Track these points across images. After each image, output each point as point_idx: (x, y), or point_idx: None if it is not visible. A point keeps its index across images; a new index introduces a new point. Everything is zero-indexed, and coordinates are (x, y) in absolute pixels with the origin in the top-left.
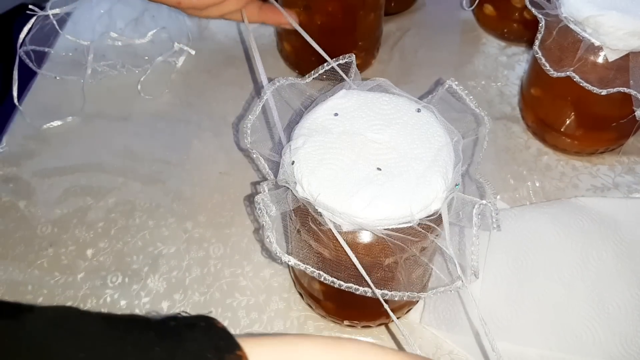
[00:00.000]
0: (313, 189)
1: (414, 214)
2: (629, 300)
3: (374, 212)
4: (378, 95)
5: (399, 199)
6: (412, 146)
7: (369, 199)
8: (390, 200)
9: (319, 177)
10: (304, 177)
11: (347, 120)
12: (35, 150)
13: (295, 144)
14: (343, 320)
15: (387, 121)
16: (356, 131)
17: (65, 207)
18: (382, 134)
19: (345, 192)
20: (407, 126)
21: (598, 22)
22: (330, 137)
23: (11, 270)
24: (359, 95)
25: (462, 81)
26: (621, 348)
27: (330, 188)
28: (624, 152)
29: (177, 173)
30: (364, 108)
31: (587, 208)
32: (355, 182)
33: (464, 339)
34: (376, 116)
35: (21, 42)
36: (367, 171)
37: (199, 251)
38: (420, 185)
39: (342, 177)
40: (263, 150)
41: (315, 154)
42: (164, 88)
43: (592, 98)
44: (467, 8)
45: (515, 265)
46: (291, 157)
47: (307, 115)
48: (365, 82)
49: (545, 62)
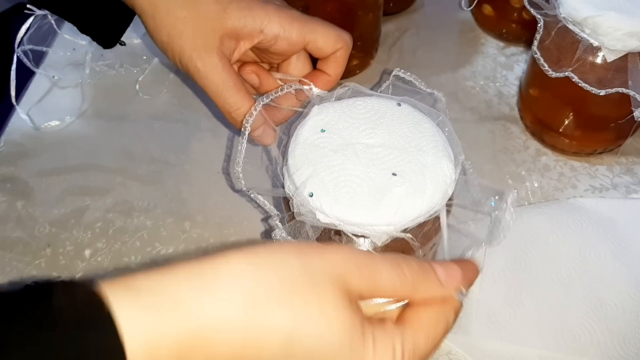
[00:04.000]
0: (337, 212)
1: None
2: (627, 301)
3: (405, 214)
4: (351, 102)
5: (422, 193)
6: (408, 140)
7: (396, 204)
8: (415, 197)
9: (339, 199)
10: (325, 204)
11: (336, 133)
12: (33, 150)
13: (301, 176)
14: None
15: (372, 123)
16: (351, 141)
17: (63, 207)
18: (375, 137)
19: (371, 204)
20: (393, 123)
21: (596, 22)
22: (332, 156)
23: (9, 270)
24: (333, 106)
25: (461, 81)
26: (619, 348)
27: (352, 206)
28: (622, 152)
29: (175, 173)
30: (345, 117)
31: (586, 208)
32: (376, 191)
33: (463, 339)
34: (360, 122)
35: (19, 42)
36: (382, 177)
37: (197, 251)
38: (434, 174)
39: (361, 191)
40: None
41: (328, 178)
42: (163, 88)
43: (590, 98)
44: (465, 8)
45: (514, 265)
46: (306, 190)
47: (294, 141)
48: (332, 92)
49: (544, 63)
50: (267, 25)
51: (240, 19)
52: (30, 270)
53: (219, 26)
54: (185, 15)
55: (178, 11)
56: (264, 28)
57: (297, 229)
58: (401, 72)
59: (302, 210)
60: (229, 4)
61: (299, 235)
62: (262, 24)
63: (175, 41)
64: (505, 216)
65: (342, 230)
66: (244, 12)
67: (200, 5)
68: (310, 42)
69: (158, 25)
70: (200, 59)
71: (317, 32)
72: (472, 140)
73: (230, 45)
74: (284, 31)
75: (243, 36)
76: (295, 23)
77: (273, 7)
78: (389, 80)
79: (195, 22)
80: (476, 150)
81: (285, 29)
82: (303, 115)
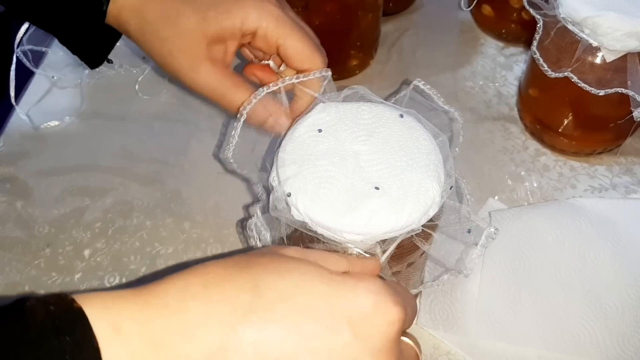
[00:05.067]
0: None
1: (415, 221)
2: (627, 301)
3: (377, 226)
4: (357, 106)
5: (399, 210)
6: (401, 153)
7: (370, 214)
8: (390, 212)
9: (315, 200)
10: (300, 202)
11: (331, 135)
12: (32, 150)
13: (286, 173)
14: None
15: (370, 131)
16: (343, 146)
17: (62, 207)
18: (369, 145)
19: (344, 210)
20: (391, 134)
21: (596, 22)
22: (320, 158)
23: (8, 270)
24: (337, 107)
25: (460, 81)
26: (618, 348)
27: (326, 209)
28: (621, 152)
29: (175, 173)
30: (346, 120)
31: (585, 209)
32: (353, 199)
33: (462, 339)
34: (359, 127)
35: (18, 42)
36: (363, 187)
37: (197, 251)
38: (417, 192)
39: (338, 196)
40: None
41: (309, 180)
42: (162, 88)
43: (590, 99)
44: (465, 8)
45: (513, 265)
46: (286, 188)
47: (289, 135)
48: (339, 93)
49: (543, 63)
50: (246, 22)
51: (220, 23)
52: (30, 270)
53: (202, 35)
54: (168, 35)
55: (162, 33)
56: (243, 25)
57: (274, 221)
58: (421, 84)
59: (278, 206)
60: (207, 12)
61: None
62: (240, 21)
63: (167, 61)
64: (475, 251)
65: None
66: (223, 15)
67: (181, 20)
68: (281, 46)
69: (149, 49)
70: (193, 71)
71: (291, 40)
72: (472, 140)
73: (220, 49)
74: (260, 27)
75: (227, 38)
76: (273, 20)
77: (252, 3)
78: (406, 90)
79: (179, 38)
80: (475, 150)
81: (262, 24)
82: (307, 111)
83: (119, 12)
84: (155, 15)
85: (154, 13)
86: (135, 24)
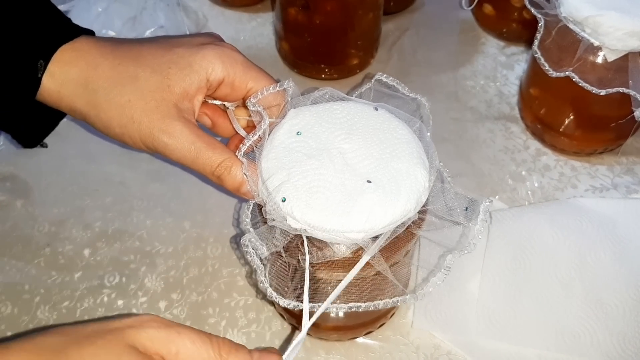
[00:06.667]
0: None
1: (411, 210)
2: (627, 301)
3: (376, 222)
4: (329, 106)
5: (395, 201)
6: (383, 146)
7: (368, 211)
8: (387, 205)
9: (310, 205)
10: (296, 209)
11: (311, 137)
12: (32, 149)
13: (276, 179)
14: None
15: (349, 128)
16: (326, 145)
17: (62, 206)
18: (351, 142)
19: (342, 211)
20: (369, 128)
21: (597, 22)
22: (306, 160)
23: (8, 269)
24: (310, 110)
25: (461, 81)
26: (619, 348)
27: (324, 212)
28: (622, 152)
29: (174, 172)
30: (322, 122)
31: (586, 208)
32: (348, 198)
33: (463, 339)
34: (336, 126)
35: None
36: (355, 183)
37: (197, 251)
38: (407, 181)
39: (333, 197)
40: None
41: (301, 183)
42: None
43: (591, 98)
44: (466, 7)
45: (514, 265)
46: (279, 195)
47: (269, 144)
48: (308, 96)
49: (545, 62)
50: (212, 74)
51: (184, 79)
52: (30, 269)
53: (167, 95)
54: (128, 98)
55: (119, 98)
56: (209, 77)
57: (268, 234)
58: (384, 77)
59: (275, 216)
60: (168, 69)
61: (269, 240)
62: (206, 72)
63: (129, 127)
64: (476, 225)
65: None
66: (185, 70)
67: (140, 82)
68: (251, 89)
69: (105, 120)
70: (164, 133)
71: (260, 82)
72: (472, 140)
73: (188, 107)
74: (227, 75)
75: (194, 93)
76: (240, 66)
77: (212, 52)
78: (369, 84)
79: (142, 100)
80: (476, 149)
81: (229, 72)
82: (279, 118)
83: (60, 87)
84: (106, 83)
85: (104, 81)
86: (81, 97)
